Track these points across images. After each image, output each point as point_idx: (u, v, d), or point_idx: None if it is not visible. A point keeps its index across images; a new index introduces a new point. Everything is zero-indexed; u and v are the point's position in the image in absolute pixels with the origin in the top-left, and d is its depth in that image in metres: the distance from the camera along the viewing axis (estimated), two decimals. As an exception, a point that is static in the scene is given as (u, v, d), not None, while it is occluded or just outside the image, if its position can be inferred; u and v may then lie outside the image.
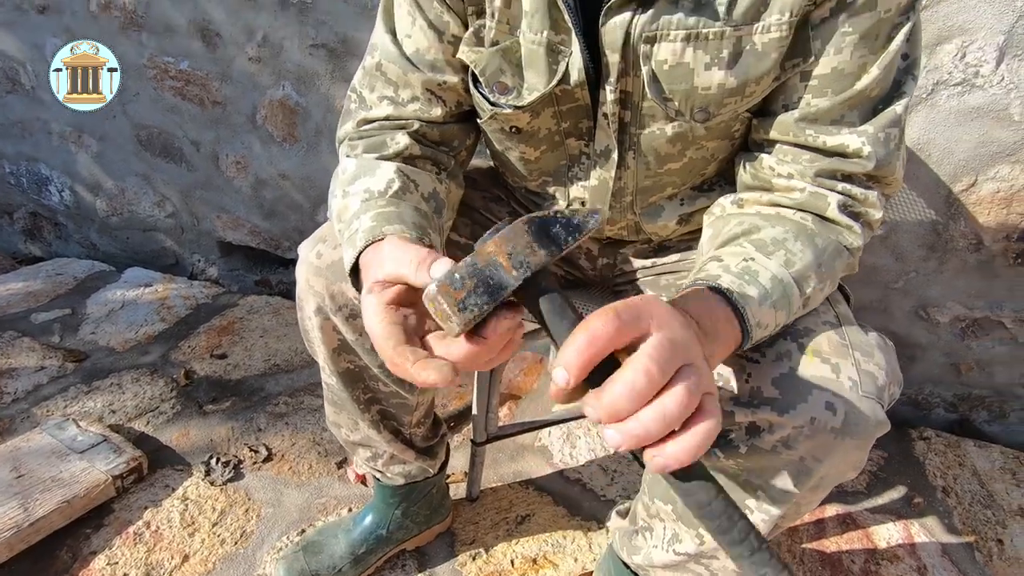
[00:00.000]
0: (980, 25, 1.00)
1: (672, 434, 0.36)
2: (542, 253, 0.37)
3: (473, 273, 0.37)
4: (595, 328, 0.35)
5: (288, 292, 1.86)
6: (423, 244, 0.52)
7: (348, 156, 0.69)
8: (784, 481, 0.58)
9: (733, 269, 0.53)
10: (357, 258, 0.54)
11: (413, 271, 0.44)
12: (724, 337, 0.48)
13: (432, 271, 0.43)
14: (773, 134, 0.61)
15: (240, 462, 1.20)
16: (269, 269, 1.92)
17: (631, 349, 0.36)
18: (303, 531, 1.07)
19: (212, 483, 1.15)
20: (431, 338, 0.43)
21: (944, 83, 1.05)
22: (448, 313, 0.37)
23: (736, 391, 0.58)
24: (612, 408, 0.35)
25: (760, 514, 0.62)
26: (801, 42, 0.56)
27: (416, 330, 0.45)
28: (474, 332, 0.39)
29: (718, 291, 0.50)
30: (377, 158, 0.66)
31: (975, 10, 0.99)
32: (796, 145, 0.60)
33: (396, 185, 0.61)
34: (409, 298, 0.46)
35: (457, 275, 0.37)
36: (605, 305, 0.37)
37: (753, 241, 0.56)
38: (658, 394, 0.35)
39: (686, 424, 0.36)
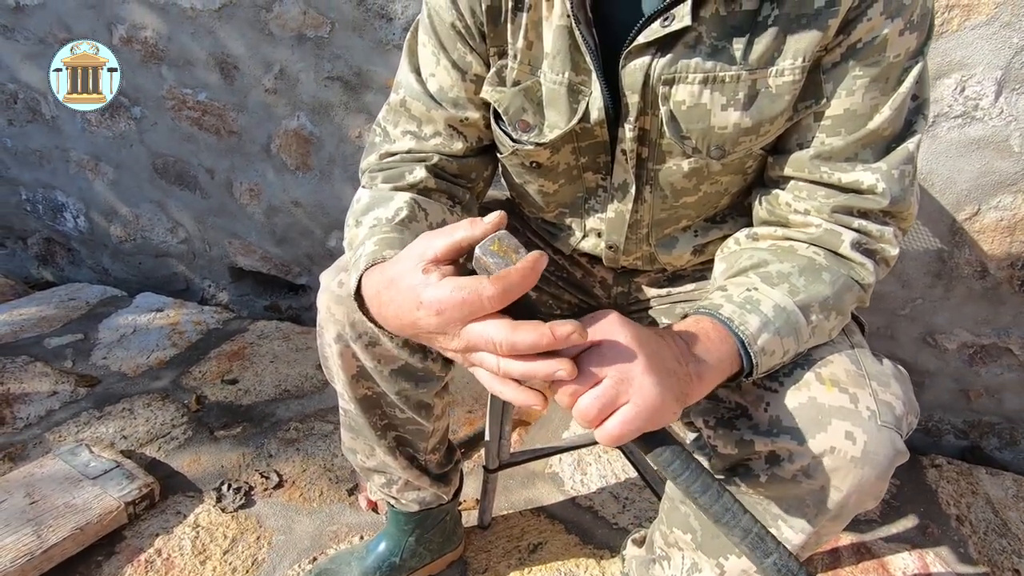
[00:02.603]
0: (978, 61, 1.03)
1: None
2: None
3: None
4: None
5: (297, 317, 1.88)
6: None
7: (365, 187, 0.71)
8: (805, 510, 0.58)
9: (735, 299, 0.56)
10: (361, 279, 0.55)
11: (468, 229, 0.49)
12: (718, 359, 0.52)
13: (487, 218, 0.49)
14: (788, 171, 0.63)
15: (251, 488, 1.20)
16: (278, 294, 1.94)
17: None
18: (315, 559, 1.07)
19: (223, 510, 1.15)
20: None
21: (945, 115, 1.08)
22: (518, 245, 0.49)
23: (754, 418, 0.59)
24: (566, 393, 0.47)
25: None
26: (813, 85, 0.58)
27: None
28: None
29: (719, 319, 0.54)
30: (392, 189, 0.69)
31: (972, 47, 1.02)
32: (811, 182, 0.62)
33: (403, 214, 0.64)
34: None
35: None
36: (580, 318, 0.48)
37: (760, 273, 0.59)
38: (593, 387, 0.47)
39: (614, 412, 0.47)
